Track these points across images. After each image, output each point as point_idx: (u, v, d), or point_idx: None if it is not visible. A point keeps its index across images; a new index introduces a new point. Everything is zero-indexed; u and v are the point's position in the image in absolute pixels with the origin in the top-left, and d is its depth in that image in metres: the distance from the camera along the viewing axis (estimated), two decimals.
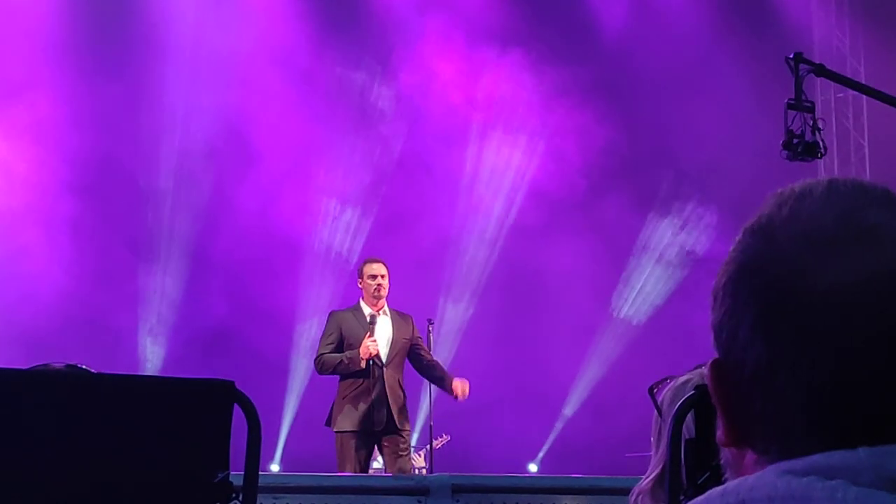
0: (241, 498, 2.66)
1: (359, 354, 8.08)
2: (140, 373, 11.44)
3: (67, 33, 11.91)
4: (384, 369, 8.16)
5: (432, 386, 8.84)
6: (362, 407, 8.09)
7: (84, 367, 2.98)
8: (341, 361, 8.14)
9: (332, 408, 8.28)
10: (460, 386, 8.34)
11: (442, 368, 8.63)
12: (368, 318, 8.21)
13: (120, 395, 2.74)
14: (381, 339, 8.21)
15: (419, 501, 6.27)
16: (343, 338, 8.20)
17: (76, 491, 2.61)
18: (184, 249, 12.35)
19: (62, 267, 11.50)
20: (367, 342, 8.09)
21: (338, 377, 8.24)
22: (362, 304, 8.35)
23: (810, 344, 0.92)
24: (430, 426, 9.22)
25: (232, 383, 2.72)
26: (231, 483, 2.65)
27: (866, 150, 13.58)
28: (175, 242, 12.34)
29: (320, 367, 8.29)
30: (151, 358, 12.12)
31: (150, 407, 2.72)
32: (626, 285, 13.40)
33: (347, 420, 8.10)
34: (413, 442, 9.56)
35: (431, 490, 6.27)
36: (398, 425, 8.13)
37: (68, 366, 2.96)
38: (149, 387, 2.95)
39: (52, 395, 2.67)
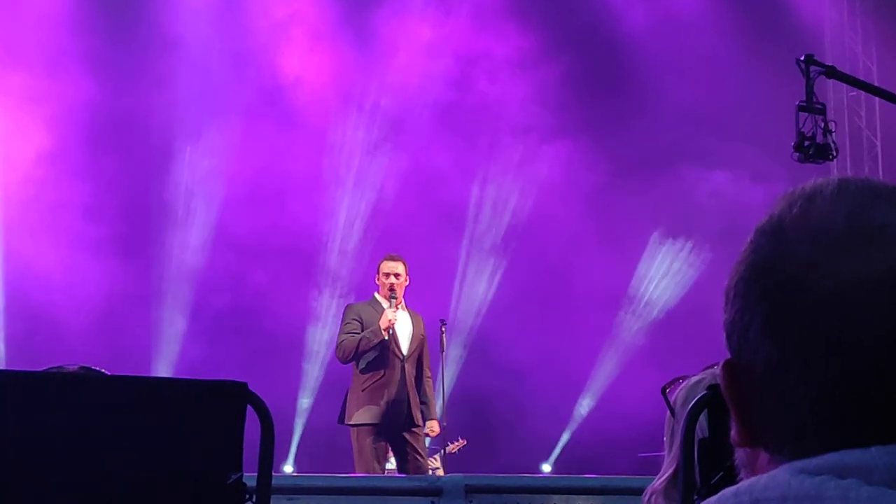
0: (254, 499, 2.66)
1: (379, 327, 7.82)
2: (152, 373, 11.46)
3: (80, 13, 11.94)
4: (404, 363, 7.95)
5: (445, 386, 8.76)
6: (382, 399, 7.82)
7: (97, 369, 2.99)
8: (363, 338, 7.86)
9: (344, 402, 8.00)
10: (437, 427, 8.25)
11: (429, 393, 8.24)
12: (387, 305, 7.98)
13: (133, 397, 2.74)
14: (403, 332, 8.00)
15: (432, 502, 6.26)
16: (364, 328, 7.95)
17: (89, 492, 2.62)
18: (192, 248, 12.34)
19: (71, 261, 11.50)
20: (387, 312, 7.85)
21: (353, 372, 7.99)
22: (378, 297, 8.12)
23: (821, 343, 0.92)
24: (444, 427, 9.14)
25: (244, 384, 2.72)
26: (244, 484, 2.66)
27: (879, 149, 13.52)
28: (182, 242, 12.33)
29: (342, 352, 7.97)
30: (164, 358, 12.12)
31: (163, 408, 2.73)
32: (640, 284, 13.38)
33: (366, 413, 7.82)
34: (427, 443, 9.48)
35: (445, 490, 6.26)
36: (417, 422, 7.92)
37: (82, 367, 2.97)
38: (161, 388, 2.95)
39: (65, 397, 2.67)
